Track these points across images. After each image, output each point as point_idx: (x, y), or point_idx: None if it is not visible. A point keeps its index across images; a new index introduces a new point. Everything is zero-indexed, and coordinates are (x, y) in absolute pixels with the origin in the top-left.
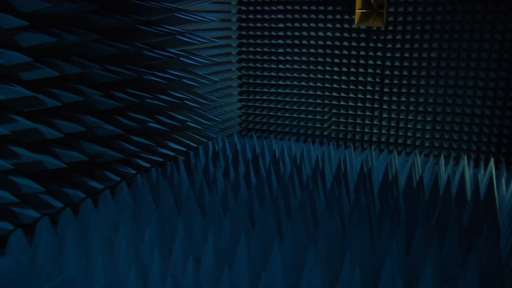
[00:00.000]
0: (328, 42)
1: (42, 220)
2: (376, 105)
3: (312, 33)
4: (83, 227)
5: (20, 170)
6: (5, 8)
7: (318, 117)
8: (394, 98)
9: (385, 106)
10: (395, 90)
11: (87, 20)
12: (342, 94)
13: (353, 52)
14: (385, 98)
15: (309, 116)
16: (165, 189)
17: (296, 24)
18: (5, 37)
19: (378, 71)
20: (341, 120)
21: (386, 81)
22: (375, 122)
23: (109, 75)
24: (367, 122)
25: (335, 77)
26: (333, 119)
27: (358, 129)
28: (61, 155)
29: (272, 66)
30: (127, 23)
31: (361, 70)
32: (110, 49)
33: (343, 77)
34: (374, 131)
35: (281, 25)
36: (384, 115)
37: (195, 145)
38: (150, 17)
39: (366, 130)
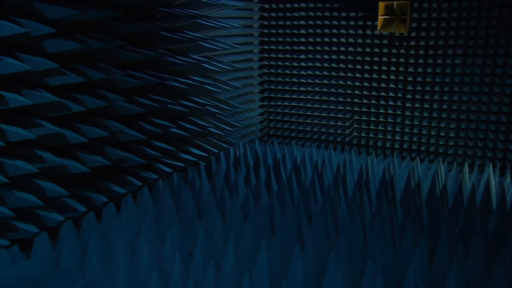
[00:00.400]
0: (350, 49)
1: (66, 224)
2: (398, 112)
3: (334, 40)
4: (105, 231)
5: (45, 174)
6: (34, 15)
7: (339, 123)
8: (417, 105)
9: (407, 113)
10: (418, 96)
11: (111, 26)
12: (364, 101)
13: (375, 59)
14: (408, 104)
15: (331, 123)
16: (186, 194)
17: (318, 31)
18: (33, 43)
19: (400, 77)
20: (363, 126)
21: (409, 87)
22: (398, 129)
23: (132, 80)
24: (389, 129)
25: (357, 83)
26: (355, 125)
27: (380, 136)
28: (84, 160)
29: (294, 72)
30: (151, 30)
31: (383, 76)
32: (133, 55)
33: (365, 84)
34: (396, 138)
35: (302, 31)
36: (407, 122)
37: (216, 151)
38: (173, 24)
39: (388, 137)
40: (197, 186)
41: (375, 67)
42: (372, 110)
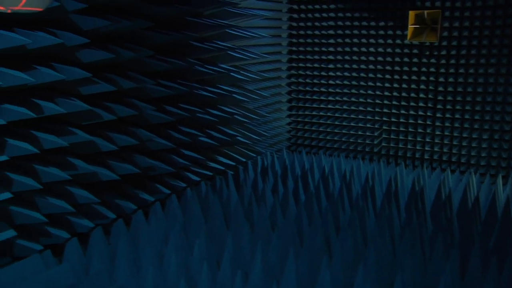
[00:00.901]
0: (380, 58)
1: (96, 230)
2: (428, 122)
3: (363, 49)
4: (134, 238)
5: (76, 181)
6: (69, 27)
7: (368, 133)
8: (447, 115)
9: (438, 123)
10: (448, 106)
11: (143, 37)
12: (393, 111)
13: (405, 68)
14: (438, 114)
15: (359, 132)
16: (214, 203)
17: (347, 40)
18: (68, 54)
19: (431, 87)
20: (392, 137)
21: (440, 97)
22: (428, 139)
23: (162, 90)
24: (419, 139)
25: (386, 93)
26: (384, 135)
27: (409, 146)
28: (115, 167)
29: (322, 81)
30: (181, 40)
31: (413, 86)
32: (164, 65)
33: (395, 93)
34: (426, 148)
35: (331, 40)
36: (437, 132)
37: (244, 160)
38: (202, 34)
39: (417, 148)
40: (225, 195)
41: (404, 77)
42: (402, 120)
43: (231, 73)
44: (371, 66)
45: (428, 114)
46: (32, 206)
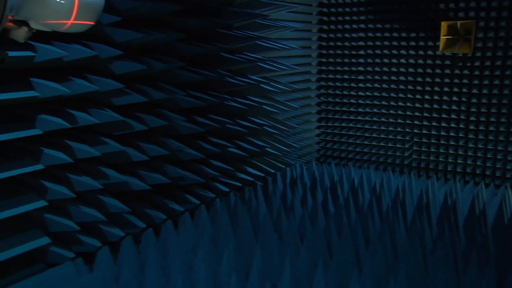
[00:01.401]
0: (410, 70)
1: (126, 239)
2: (461, 134)
3: (394, 60)
4: (163, 247)
5: (108, 190)
6: (103, 39)
7: (398, 145)
8: (481, 127)
9: (471, 135)
10: (482, 118)
11: (174, 48)
12: (425, 123)
13: (437, 80)
14: (472, 127)
15: (389, 144)
16: (243, 214)
17: (377, 51)
18: (101, 65)
19: (464, 99)
20: (423, 149)
21: (473, 109)
22: (460, 152)
23: (192, 101)
24: (451, 151)
25: (417, 105)
26: (415, 147)
27: (441, 159)
28: (145, 177)
29: (352, 93)
30: (211, 51)
31: (445, 98)
32: (194, 76)
33: (426, 105)
34: (459, 161)
35: (361, 52)
36: (470, 145)
37: (273, 171)
38: (233, 45)
39: (450, 160)
40: (253, 206)
41: (436, 88)
42: (433, 132)
43: (261, 85)
44: (401, 78)
45: (461, 126)
46: (66, 214)
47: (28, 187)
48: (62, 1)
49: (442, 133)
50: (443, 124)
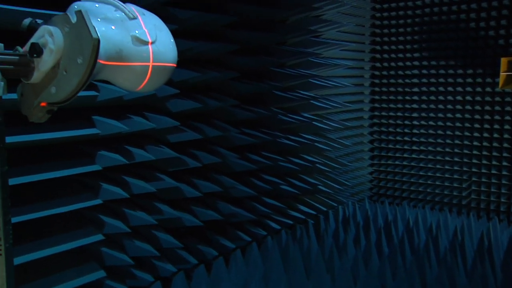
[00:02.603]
0: (468, 107)
1: (178, 275)
2: None
3: (449, 97)
4: (214, 284)
5: (161, 225)
6: None
7: (456, 184)
8: None
9: None
10: None
11: (228, 86)
12: (484, 161)
13: (496, 117)
14: None
15: (446, 184)
16: (294, 252)
17: (432, 88)
18: (159, 103)
19: None
20: (483, 189)
21: None
22: None
23: (245, 138)
24: None
25: (475, 143)
26: (473, 187)
27: (503, 200)
28: (198, 213)
29: (406, 130)
30: (265, 89)
31: (506, 136)
32: (248, 114)
33: (485, 143)
34: None
35: (415, 89)
36: None
37: (325, 209)
38: (285, 83)
39: None
40: (305, 245)
41: (496, 126)
42: (493, 171)
43: (313, 122)
44: (458, 115)
45: None
46: (121, 248)
47: (86, 220)
48: (139, 67)
49: (504, 172)
50: (505, 164)
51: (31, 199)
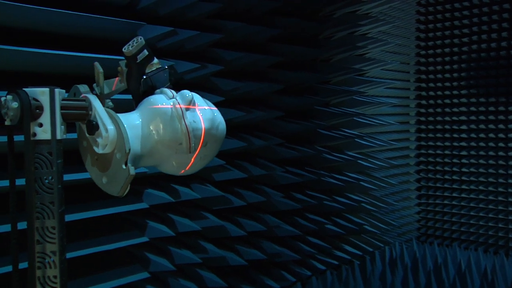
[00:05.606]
0: None
1: None
2: None
3: (500, 135)
4: None
5: (206, 264)
6: None
7: (510, 226)
8: None
9: None
10: None
11: (273, 125)
12: None
13: None
14: None
15: (500, 225)
16: None
17: (481, 126)
18: None
19: None
20: None
21: None
22: None
23: (290, 177)
24: None
25: None
26: None
27: None
28: (242, 252)
29: (454, 169)
30: (309, 128)
31: None
32: (292, 152)
33: None
34: None
35: (463, 127)
36: None
37: (371, 250)
38: (330, 122)
39: None
40: (351, 286)
41: None
42: None
43: (358, 161)
44: (510, 154)
45: None
46: (166, 286)
47: (133, 258)
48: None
49: None
50: None
51: (79, 235)
